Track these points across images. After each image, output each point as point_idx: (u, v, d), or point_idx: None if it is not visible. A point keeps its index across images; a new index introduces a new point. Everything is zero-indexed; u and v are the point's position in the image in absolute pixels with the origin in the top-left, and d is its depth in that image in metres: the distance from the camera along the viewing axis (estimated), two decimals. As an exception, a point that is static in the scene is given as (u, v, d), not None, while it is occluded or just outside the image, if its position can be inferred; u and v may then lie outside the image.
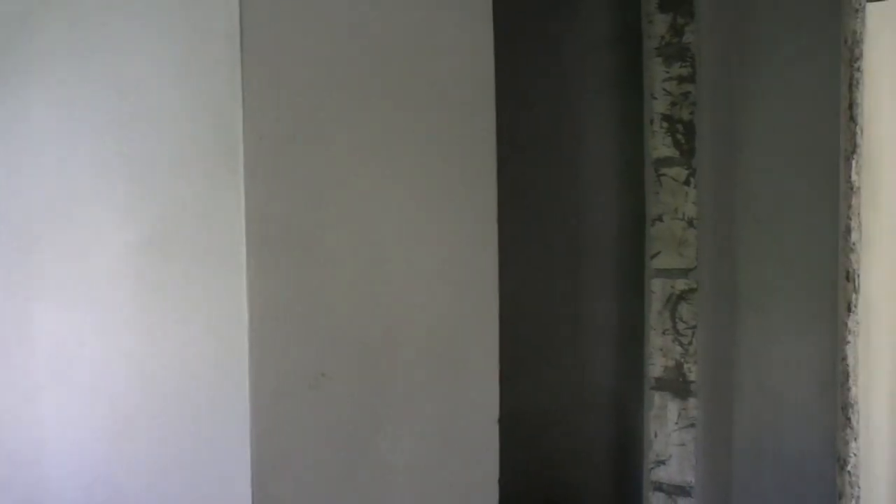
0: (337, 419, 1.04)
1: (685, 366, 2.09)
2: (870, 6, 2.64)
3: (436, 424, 1.17)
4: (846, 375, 2.39)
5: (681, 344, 2.10)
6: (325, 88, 0.99)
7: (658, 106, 2.15)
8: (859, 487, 2.60)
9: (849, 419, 2.43)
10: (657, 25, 2.18)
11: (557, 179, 2.56)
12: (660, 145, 2.14)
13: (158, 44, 1.01)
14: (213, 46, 0.93)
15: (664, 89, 2.15)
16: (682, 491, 2.10)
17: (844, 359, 2.38)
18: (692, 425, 2.09)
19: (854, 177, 2.46)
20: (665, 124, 2.14)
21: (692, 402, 2.09)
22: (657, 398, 2.14)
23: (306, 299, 1.00)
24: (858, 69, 2.52)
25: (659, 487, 2.13)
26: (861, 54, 2.55)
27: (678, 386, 2.10)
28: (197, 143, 0.97)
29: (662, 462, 2.13)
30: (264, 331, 0.94)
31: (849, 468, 2.42)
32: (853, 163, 2.46)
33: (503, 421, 2.59)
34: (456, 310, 1.20)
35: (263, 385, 0.95)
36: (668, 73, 2.15)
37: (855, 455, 2.50)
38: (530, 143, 2.64)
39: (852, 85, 2.47)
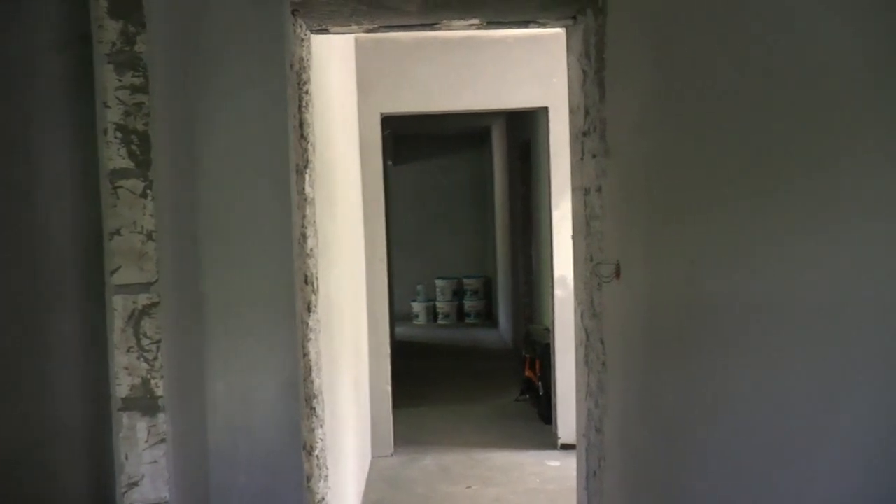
0: None
1: (152, 381, 2.06)
2: (314, 36, 2.92)
3: None
4: (309, 370, 2.60)
5: (146, 360, 2.05)
6: None
7: (112, 115, 2.08)
8: (327, 468, 2.86)
9: (314, 409, 2.65)
10: (108, 32, 2.09)
11: (3, 191, 2.31)
12: (115, 156, 2.07)
13: None
14: None
15: (117, 98, 2.08)
16: (156, 508, 2.06)
17: (307, 355, 2.59)
18: (163, 441, 2.06)
19: (308, 189, 2.69)
20: (119, 134, 2.07)
21: (161, 417, 2.06)
22: (125, 419, 2.06)
23: None
24: (307, 92, 2.77)
25: (132, 510, 2.06)
26: (309, 79, 2.81)
27: (146, 403, 2.06)
28: None
29: (135, 483, 2.07)
30: None
31: (316, 453, 2.64)
32: (306, 176, 2.68)
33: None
34: None
35: None
36: (120, 81, 2.08)
37: (322, 440, 2.74)
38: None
39: (302, 106, 2.70)
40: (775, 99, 1.57)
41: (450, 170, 11.98)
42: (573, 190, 2.96)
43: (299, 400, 2.44)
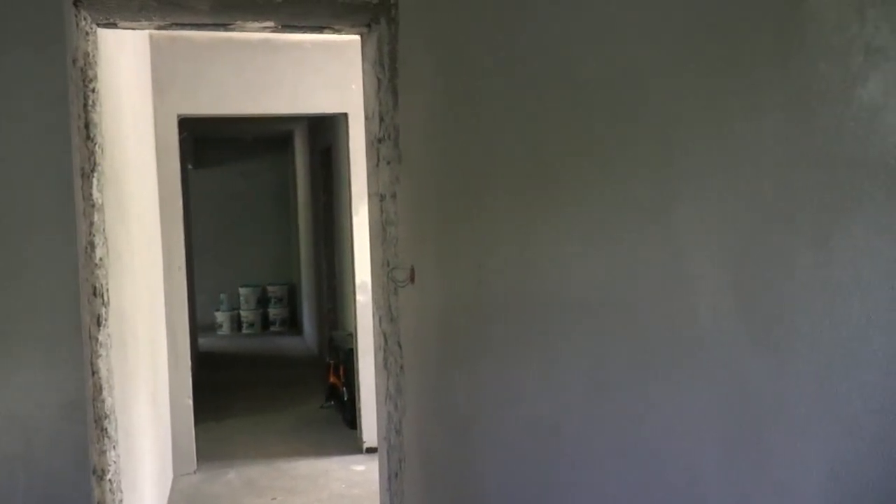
0: None
1: (-89, 408, 1.86)
2: (101, 31, 2.76)
3: None
4: (99, 388, 2.46)
5: None
6: None
7: None
8: (122, 492, 2.71)
9: (105, 430, 2.50)
10: None
11: None
12: None
13: None
14: None
15: None
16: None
17: (97, 372, 2.44)
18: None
19: (96, 194, 2.54)
20: None
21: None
22: None
23: None
24: (93, 90, 2.61)
25: None
26: (95, 76, 2.65)
27: None
28: None
29: None
30: None
31: (108, 477, 2.49)
32: (94, 180, 2.53)
33: None
34: None
35: None
36: None
37: (115, 463, 2.59)
38: None
39: (88, 105, 2.55)
40: (548, 110, 1.69)
41: (253, 175, 11.69)
42: (370, 196, 3.02)
43: (87, 421, 2.30)
